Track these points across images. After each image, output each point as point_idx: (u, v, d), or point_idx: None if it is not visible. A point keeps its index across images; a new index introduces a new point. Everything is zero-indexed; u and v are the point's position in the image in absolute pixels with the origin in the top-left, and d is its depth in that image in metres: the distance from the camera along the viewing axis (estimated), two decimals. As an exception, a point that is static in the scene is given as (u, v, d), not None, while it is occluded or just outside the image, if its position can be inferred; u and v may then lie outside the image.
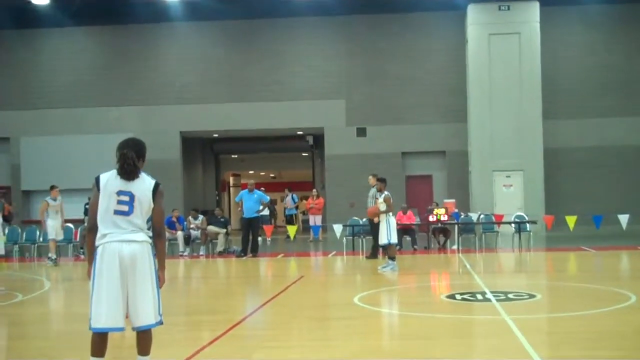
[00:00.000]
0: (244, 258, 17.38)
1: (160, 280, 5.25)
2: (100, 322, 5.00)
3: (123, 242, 5.03)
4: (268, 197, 19.18)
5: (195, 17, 25.92)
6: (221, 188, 33.98)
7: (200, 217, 19.51)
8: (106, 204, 5.09)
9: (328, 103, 26.26)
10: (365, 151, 25.89)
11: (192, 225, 19.32)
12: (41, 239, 19.24)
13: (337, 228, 19.56)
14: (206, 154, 32.04)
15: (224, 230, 19.10)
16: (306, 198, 24.09)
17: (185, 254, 18.68)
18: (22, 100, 26.63)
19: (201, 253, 18.85)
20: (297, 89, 26.33)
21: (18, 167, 26.59)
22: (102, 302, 4.99)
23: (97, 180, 5.15)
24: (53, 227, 16.75)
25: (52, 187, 16.90)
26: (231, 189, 36.09)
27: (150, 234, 5.23)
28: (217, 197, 32.34)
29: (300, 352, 6.81)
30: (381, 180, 14.28)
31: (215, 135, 29.20)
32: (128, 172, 5.13)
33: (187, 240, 19.09)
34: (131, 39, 26.74)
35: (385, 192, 13.95)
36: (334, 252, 18.70)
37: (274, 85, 26.35)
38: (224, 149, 32.57)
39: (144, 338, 5.22)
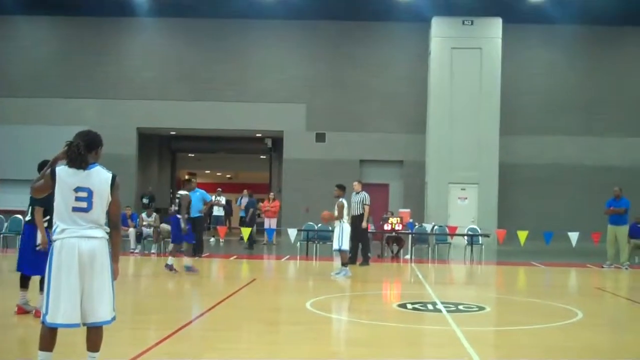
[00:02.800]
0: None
1: (115, 273, 5.18)
2: (57, 318, 4.93)
3: (82, 237, 4.97)
4: (212, 197, 19.07)
5: (159, 13, 25.69)
6: (176, 186, 33.60)
7: (154, 214, 19.26)
8: (64, 200, 5.01)
9: (289, 107, 26.22)
10: (324, 157, 25.92)
11: (144, 222, 19.05)
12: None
13: (292, 232, 19.52)
14: (163, 151, 31.69)
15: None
16: (262, 200, 23.98)
17: (137, 251, 18.42)
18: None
19: (152, 251, 18.59)
20: (258, 91, 26.22)
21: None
22: (60, 298, 4.92)
23: (53, 170, 5.07)
24: None
25: None
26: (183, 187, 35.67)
27: (108, 229, 5.16)
28: (172, 195, 31.95)
29: (249, 355, 6.75)
30: (340, 187, 14.27)
31: (173, 132, 28.93)
32: (73, 159, 5.04)
33: (139, 237, 18.83)
34: (93, 31, 26.33)
35: (341, 199, 13.96)
36: (287, 256, 18.65)
37: (236, 85, 26.22)
38: (181, 147, 32.29)
39: (95, 334, 5.15)
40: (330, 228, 14.01)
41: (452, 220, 23.50)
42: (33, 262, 7.97)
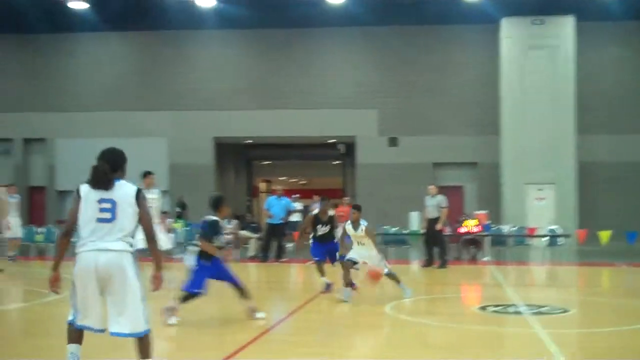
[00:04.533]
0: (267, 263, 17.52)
1: (156, 281, 5.27)
2: (81, 320, 5.19)
3: (100, 251, 5.06)
4: (295, 205, 19.28)
5: (229, 25, 26.15)
6: (252, 194, 34.21)
7: (234, 221, 19.68)
8: (89, 212, 5.14)
9: (360, 112, 26.33)
10: (397, 161, 25.91)
11: (225, 230, 19.47)
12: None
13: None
14: (239, 160, 32.26)
15: (256, 236, 19.25)
16: (336, 206, 24.10)
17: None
18: (58, 103, 27.06)
19: (233, 257, 18.97)
20: (329, 97, 26.43)
21: (54, 167, 27.03)
22: (80, 305, 5.17)
23: (78, 189, 5.24)
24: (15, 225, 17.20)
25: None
26: (262, 194, 36.29)
27: (132, 241, 5.21)
28: (249, 203, 32.53)
29: (331, 359, 6.82)
30: (356, 209, 11.22)
31: (248, 141, 29.40)
32: (98, 182, 5.18)
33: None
34: (166, 44, 27.07)
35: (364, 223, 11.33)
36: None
37: (307, 93, 26.50)
38: (256, 156, 32.80)
39: (139, 343, 5.28)
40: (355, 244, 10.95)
41: (530, 221, 23.10)
42: None
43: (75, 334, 5.30)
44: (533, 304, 10.17)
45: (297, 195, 25.72)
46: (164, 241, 11.40)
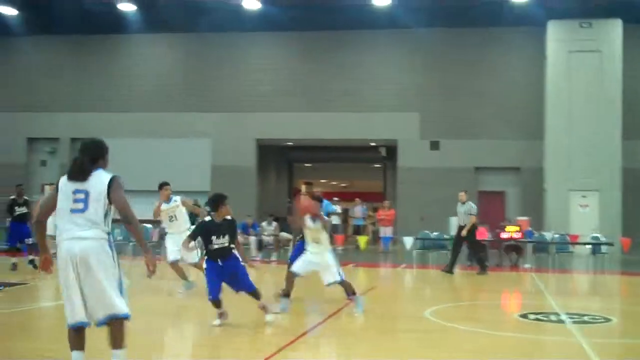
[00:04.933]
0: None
1: (149, 264, 5.43)
2: (71, 317, 5.31)
3: (74, 239, 5.24)
4: (334, 207, 19.33)
5: (274, 27, 26.34)
6: (293, 195, 34.35)
7: (274, 223, 19.84)
8: (64, 203, 5.33)
9: (402, 115, 26.31)
10: (439, 165, 25.81)
11: (265, 232, 19.67)
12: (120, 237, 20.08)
13: (408, 240, 19.58)
14: (280, 161, 32.49)
15: (296, 237, 19.35)
16: (377, 209, 24.18)
17: (258, 258, 19.06)
18: (105, 103, 27.59)
19: (273, 259, 19.15)
20: (372, 100, 26.46)
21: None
22: (66, 299, 5.31)
23: (57, 182, 5.46)
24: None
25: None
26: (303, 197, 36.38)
27: (107, 229, 5.35)
28: (289, 205, 32.69)
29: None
30: (318, 199, 10.10)
31: (290, 143, 29.59)
32: (75, 174, 5.37)
33: (260, 245, 19.46)
34: (212, 46, 27.43)
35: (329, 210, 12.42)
36: (403, 265, 18.72)
37: (349, 96, 26.57)
38: (297, 158, 32.98)
39: (113, 331, 5.33)
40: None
41: (573, 228, 22.79)
42: None
43: (75, 339, 5.38)
44: (574, 313, 10.08)
45: (337, 198, 25.82)
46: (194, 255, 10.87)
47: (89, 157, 5.42)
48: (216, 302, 8.32)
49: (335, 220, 24.59)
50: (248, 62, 27.68)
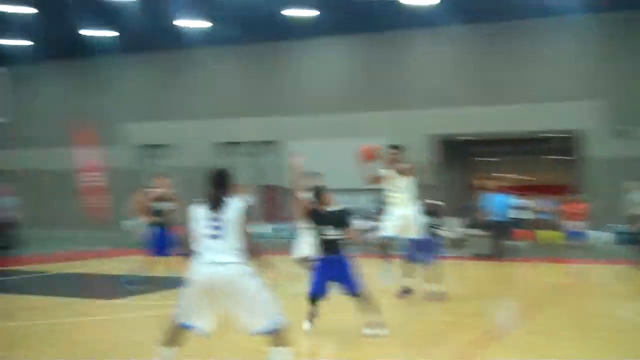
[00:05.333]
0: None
1: (272, 275, 5.80)
2: (187, 318, 5.61)
3: (213, 263, 5.52)
4: (516, 201, 18.91)
5: (448, 21, 26.02)
6: (473, 191, 33.84)
7: (455, 220, 19.73)
8: (200, 229, 5.66)
9: (587, 104, 25.08)
10: (629, 154, 24.33)
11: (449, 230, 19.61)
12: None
13: (599, 235, 18.70)
14: (459, 156, 32.12)
15: (479, 234, 19.15)
16: (563, 203, 23.20)
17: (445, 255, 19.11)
18: (287, 106, 28.79)
19: (459, 255, 19.08)
20: (552, 90, 25.42)
21: (285, 168, 28.74)
22: (193, 304, 5.62)
23: (190, 210, 5.78)
24: None
25: None
26: (481, 192, 35.78)
27: (240, 252, 5.65)
28: (469, 201, 32.26)
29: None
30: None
31: (468, 138, 29.17)
32: (213, 205, 5.69)
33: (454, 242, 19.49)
34: (384, 46, 27.70)
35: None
36: (598, 260, 17.87)
37: (528, 86, 25.71)
38: (476, 152, 32.46)
39: (272, 336, 5.73)
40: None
41: None
42: None
43: (175, 337, 5.69)
44: None
45: (520, 193, 25.14)
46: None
47: (223, 191, 5.80)
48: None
49: (519, 214, 24.00)
50: (420, 58, 27.64)
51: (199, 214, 5.74)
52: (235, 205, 5.71)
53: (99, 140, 25.04)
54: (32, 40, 30.09)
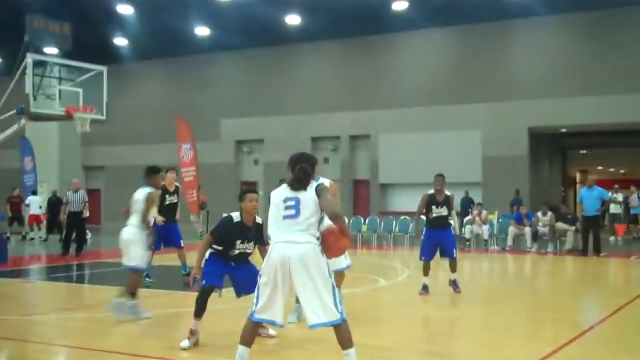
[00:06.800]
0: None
1: (341, 243, 5.47)
2: (262, 313, 5.48)
3: (288, 243, 5.39)
4: (611, 195, 18.48)
5: (545, 11, 25.51)
6: (567, 184, 33.24)
7: (549, 213, 19.50)
8: (276, 211, 5.57)
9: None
10: None
11: (540, 222, 19.41)
12: (397, 229, 21.36)
13: None
14: (553, 149, 31.53)
15: (573, 228, 18.82)
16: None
17: (533, 249, 18.93)
18: (381, 100, 28.84)
19: (549, 250, 18.87)
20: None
21: (377, 162, 28.96)
22: (266, 296, 5.45)
23: (269, 195, 5.75)
24: None
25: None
26: (577, 185, 35.05)
27: (317, 234, 5.46)
28: (563, 194, 31.71)
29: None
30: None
31: (563, 130, 28.56)
32: (300, 182, 5.56)
33: (535, 236, 19.27)
34: (480, 37, 27.30)
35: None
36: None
37: (626, 77, 24.86)
38: (571, 144, 31.83)
39: (339, 333, 5.40)
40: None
41: None
42: None
43: (250, 334, 5.62)
44: None
45: (617, 186, 24.50)
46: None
47: (310, 167, 5.74)
48: None
49: (615, 209, 23.44)
50: (517, 49, 27.25)
51: (279, 196, 5.68)
52: (314, 186, 5.63)
53: (195, 135, 25.84)
54: (129, 39, 31.27)
